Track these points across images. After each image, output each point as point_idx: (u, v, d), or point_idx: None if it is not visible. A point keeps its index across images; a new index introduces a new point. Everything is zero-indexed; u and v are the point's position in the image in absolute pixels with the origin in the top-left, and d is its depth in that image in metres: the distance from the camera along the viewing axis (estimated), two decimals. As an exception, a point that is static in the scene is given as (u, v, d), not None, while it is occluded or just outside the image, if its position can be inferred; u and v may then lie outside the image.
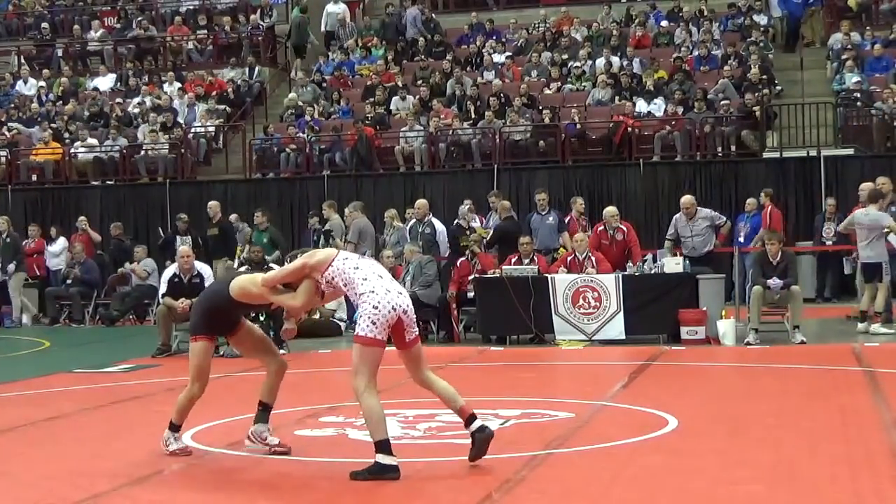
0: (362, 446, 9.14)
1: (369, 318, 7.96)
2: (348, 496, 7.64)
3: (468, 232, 19.49)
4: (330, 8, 33.67)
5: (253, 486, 8.03)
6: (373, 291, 8.02)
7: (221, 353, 16.78)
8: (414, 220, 20.64)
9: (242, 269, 17.77)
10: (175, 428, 9.04)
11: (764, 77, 26.18)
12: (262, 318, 16.64)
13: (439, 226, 20.59)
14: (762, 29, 29.47)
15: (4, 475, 8.51)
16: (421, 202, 20.87)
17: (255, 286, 8.62)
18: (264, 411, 9.06)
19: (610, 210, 18.88)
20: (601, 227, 18.65)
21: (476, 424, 8.20)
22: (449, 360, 14.69)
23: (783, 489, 7.39)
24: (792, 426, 9.75)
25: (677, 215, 18.71)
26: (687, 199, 18.87)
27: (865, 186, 18.74)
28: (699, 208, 18.70)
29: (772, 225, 20.49)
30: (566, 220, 20.39)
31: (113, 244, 25.01)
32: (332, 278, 8.24)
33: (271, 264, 17.52)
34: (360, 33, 33.37)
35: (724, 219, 18.91)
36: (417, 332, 8.36)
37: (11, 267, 23.43)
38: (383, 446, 7.92)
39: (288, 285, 8.56)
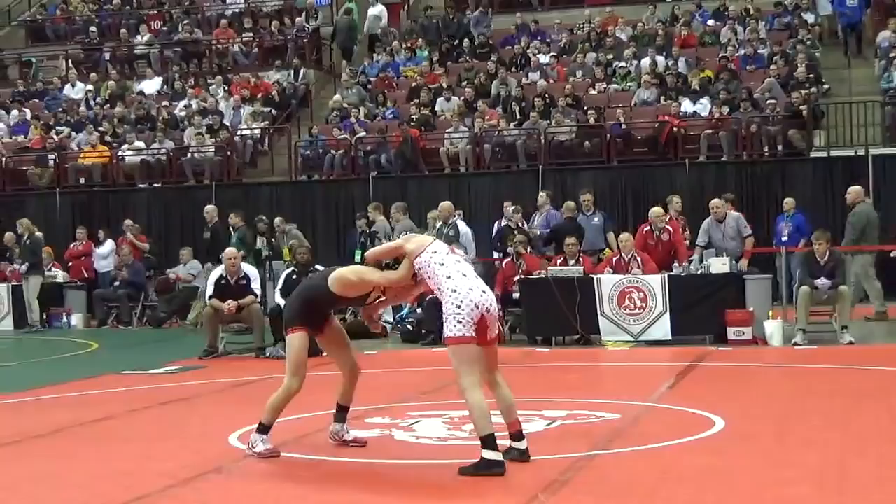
0: (407, 447, 9.17)
1: (454, 317, 8.00)
2: (392, 496, 7.64)
3: (516, 232, 19.46)
4: (371, 10, 33.76)
5: (298, 486, 8.05)
6: (455, 290, 8.06)
7: (268, 354, 16.92)
8: (439, 223, 20.47)
9: (288, 270, 17.82)
10: (264, 429, 8.89)
11: (811, 76, 26.01)
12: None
13: (463, 227, 20.30)
14: (810, 27, 29.26)
15: (53, 475, 8.57)
16: (445, 204, 20.65)
17: (354, 275, 8.68)
18: (341, 412, 9.20)
19: (656, 210, 18.80)
20: (647, 228, 18.57)
21: (522, 445, 8.26)
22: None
23: (831, 491, 7.34)
24: (840, 427, 9.67)
25: (707, 220, 18.57)
26: (716, 200, 18.72)
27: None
28: (728, 212, 18.57)
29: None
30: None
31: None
32: (420, 269, 8.30)
33: (317, 266, 17.55)
34: (403, 35, 33.42)
35: (750, 232, 18.69)
36: (498, 331, 8.44)
37: (23, 268, 23.61)
38: (489, 442, 7.92)
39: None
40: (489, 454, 7.91)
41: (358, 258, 21.40)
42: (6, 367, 17.47)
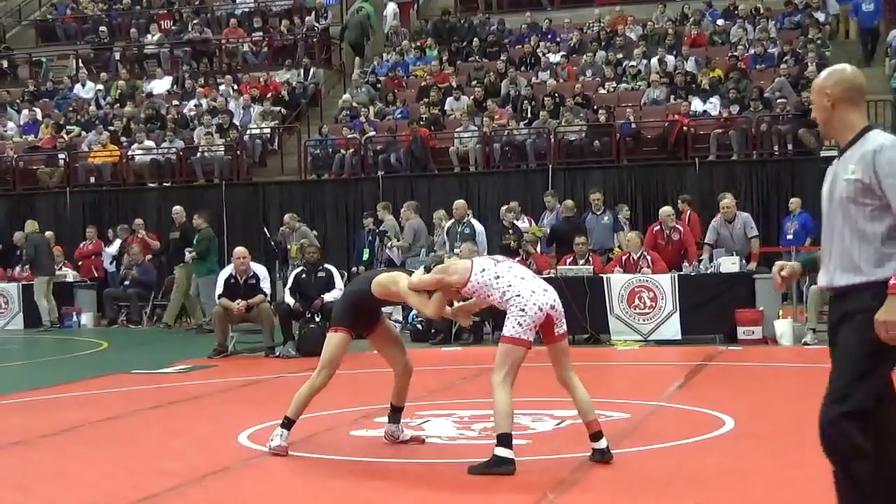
0: (416, 446, 9.17)
1: (516, 320, 8.13)
2: (402, 495, 7.65)
3: (510, 231, 19.49)
4: (385, 10, 33.80)
5: (307, 485, 8.06)
6: (518, 295, 8.17)
7: (277, 353, 16.93)
8: (452, 221, 20.48)
9: (297, 269, 17.83)
10: (288, 423, 8.99)
11: (821, 75, 25.92)
12: (317, 319, 16.76)
13: (478, 226, 20.31)
14: (820, 26, 29.20)
15: (63, 475, 8.59)
16: (459, 203, 20.67)
17: (394, 285, 8.81)
18: (395, 413, 9.30)
19: (665, 210, 18.79)
20: (657, 227, 18.55)
21: (601, 444, 8.31)
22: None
23: (841, 491, 7.32)
24: (850, 427, 9.64)
25: (715, 219, 18.54)
26: (727, 200, 18.67)
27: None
28: (738, 212, 18.54)
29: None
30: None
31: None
32: (473, 292, 8.43)
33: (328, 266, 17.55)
34: (413, 35, 33.43)
35: (756, 233, 18.65)
36: (566, 328, 8.53)
37: (17, 269, 23.66)
38: (504, 440, 8.02)
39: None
40: (502, 452, 7.96)
41: (366, 257, 21.50)
42: (16, 367, 17.52)
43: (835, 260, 5.39)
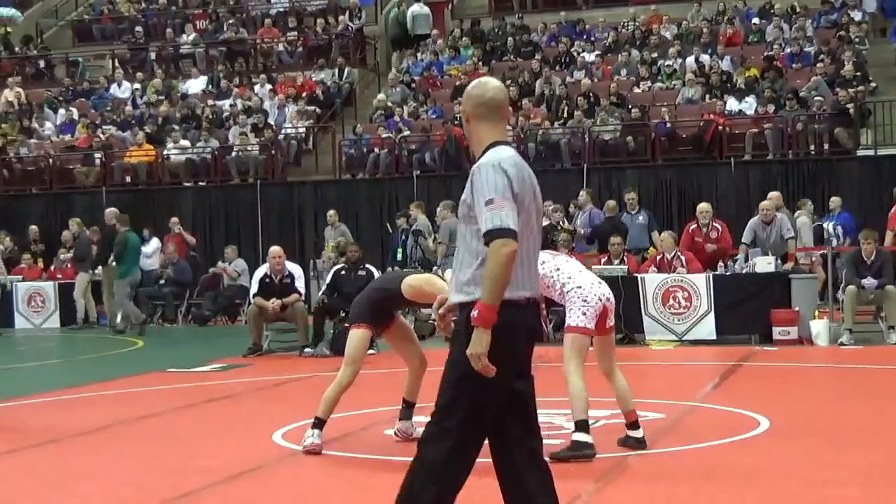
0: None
1: (580, 310, 8.48)
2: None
3: (560, 229, 19.43)
4: (418, 10, 33.78)
5: (341, 484, 8.07)
6: (580, 286, 8.53)
7: (312, 352, 16.95)
8: None
9: (337, 266, 17.81)
10: (319, 423, 9.09)
11: (858, 73, 25.80)
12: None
13: None
14: (857, 24, 29.02)
15: (99, 472, 8.64)
16: None
17: (429, 286, 8.90)
18: (408, 409, 9.39)
19: (703, 207, 18.68)
20: (693, 226, 18.48)
21: (637, 433, 8.71)
22: (538, 361, 14.63)
23: (876, 492, 7.28)
24: (886, 428, 9.60)
25: (754, 219, 18.46)
26: (766, 203, 18.59)
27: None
28: (777, 214, 18.44)
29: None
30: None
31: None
32: None
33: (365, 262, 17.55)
34: (447, 36, 33.43)
35: (793, 233, 18.57)
36: (614, 322, 8.86)
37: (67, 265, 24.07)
38: (581, 425, 8.37)
39: None
40: (581, 437, 8.31)
41: (399, 256, 21.50)
42: (53, 365, 17.63)
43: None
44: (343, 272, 17.19)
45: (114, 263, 21.99)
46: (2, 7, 37.87)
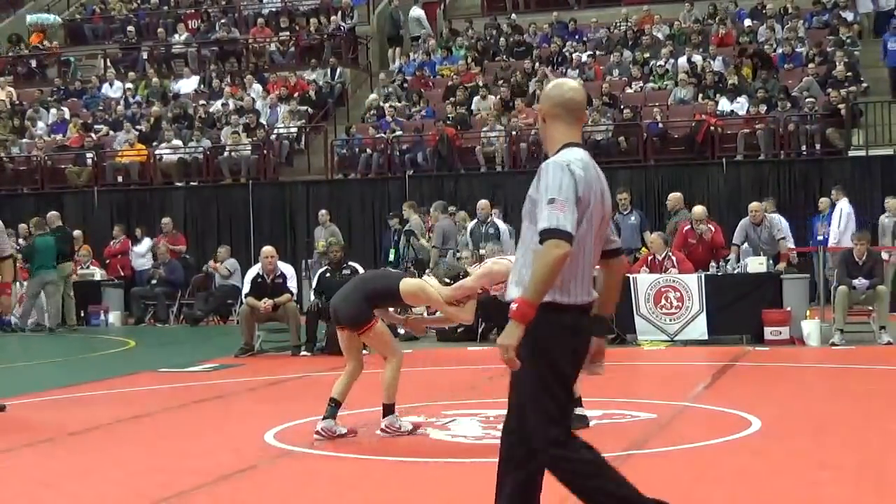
0: (441, 446, 9.17)
1: None
2: (428, 495, 7.65)
3: None
4: (411, 13, 33.84)
5: (333, 485, 8.07)
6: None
7: (304, 352, 16.95)
8: (475, 221, 20.43)
9: (322, 269, 17.82)
10: (391, 408, 9.53)
11: (849, 74, 25.85)
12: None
13: (503, 225, 20.22)
14: (849, 25, 29.06)
15: (91, 472, 8.63)
16: (483, 202, 20.58)
17: (423, 292, 9.18)
18: (336, 407, 9.55)
19: (698, 212, 18.67)
20: (687, 227, 18.47)
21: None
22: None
23: (868, 491, 7.29)
24: (878, 428, 9.61)
25: (744, 221, 18.49)
26: (755, 204, 18.63)
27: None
28: (767, 215, 18.47)
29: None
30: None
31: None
32: None
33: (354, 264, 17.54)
34: (438, 36, 33.45)
35: (785, 235, 18.59)
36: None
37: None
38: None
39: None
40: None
41: (392, 257, 21.49)
42: (44, 365, 17.60)
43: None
44: (328, 274, 17.12)
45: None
46: (42, 14, 38.17)
